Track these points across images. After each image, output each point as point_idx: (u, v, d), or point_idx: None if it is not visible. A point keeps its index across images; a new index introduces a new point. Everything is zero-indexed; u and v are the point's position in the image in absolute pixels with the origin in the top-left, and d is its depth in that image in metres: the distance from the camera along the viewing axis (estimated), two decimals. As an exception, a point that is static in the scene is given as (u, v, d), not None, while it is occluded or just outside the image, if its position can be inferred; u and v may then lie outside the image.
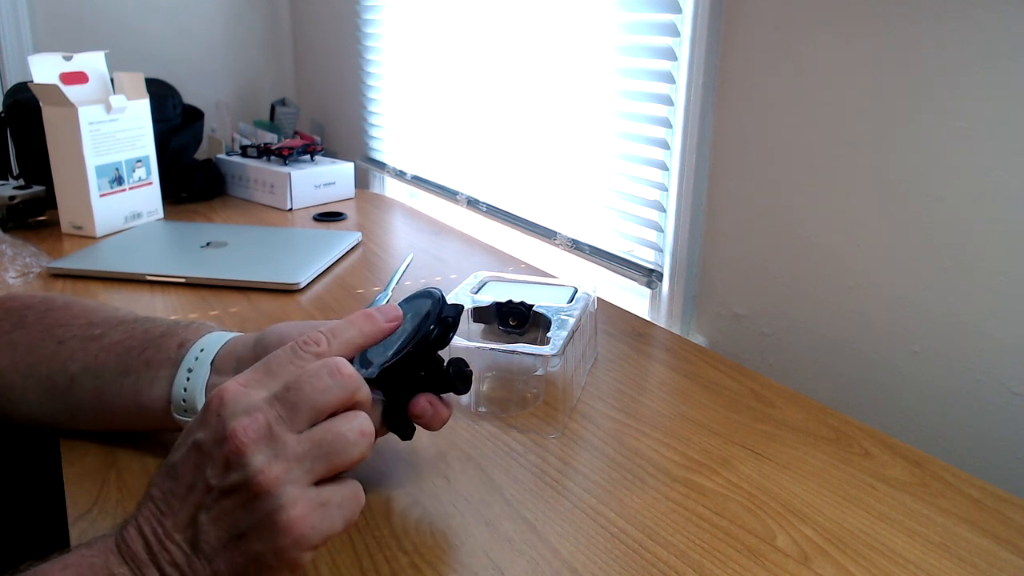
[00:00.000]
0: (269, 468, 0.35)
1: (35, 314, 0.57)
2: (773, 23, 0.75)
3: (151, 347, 0.53)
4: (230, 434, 0.36)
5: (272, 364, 0.39)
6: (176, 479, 0.37)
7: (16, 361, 0.55)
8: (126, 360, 0.53)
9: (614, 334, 0.79)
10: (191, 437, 0.38)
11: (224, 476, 0.36)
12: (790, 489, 0.53)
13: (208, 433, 0.37)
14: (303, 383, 0.38)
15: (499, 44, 1.14)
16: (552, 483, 0.53)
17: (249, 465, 0.35)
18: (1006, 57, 0.58)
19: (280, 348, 0.41)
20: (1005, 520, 0.50)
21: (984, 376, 0.63)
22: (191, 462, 0.37)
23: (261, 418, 0.36)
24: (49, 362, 0.54)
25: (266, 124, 1.71)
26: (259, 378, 0.39)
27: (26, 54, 1.37)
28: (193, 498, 0.36)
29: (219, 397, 0.37)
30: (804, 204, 0.75)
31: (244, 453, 0.35)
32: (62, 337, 0.55)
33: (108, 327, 0.55)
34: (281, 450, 0.36)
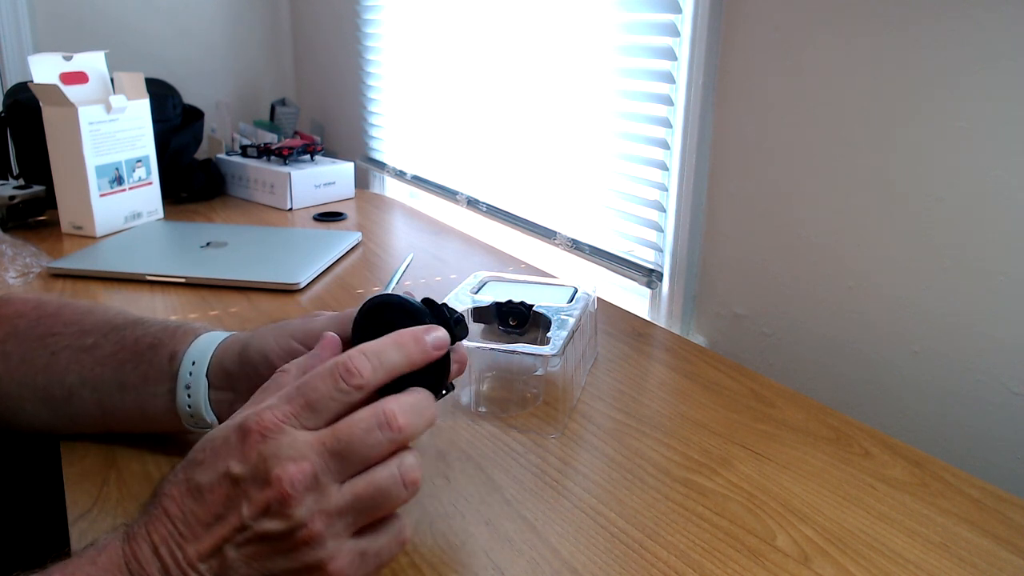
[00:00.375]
0: (313, 521, 0.35)
1: (27, 322, 0.57)
2: (773, 23, 0.75)
3: (143, 362, 0.52)
4: (275, 480, 0.34)
5: (311, 396, 0.37)
6: (202, 504, 0.36)
7: (11, 371, 0.55)
8: (122, 375, 0.53)
9: (614, 334, 0.79)
10: (223, 464, 0.36)
11: (262, 519, 0.35)
12: (790, 489, 0.53)
13: (247, 469, 0.35)
14: (354, 436, 0.36)
15: (499, 44, 1.14)
16: (552, 483, 0.53)
17: (293, 516, 0.34)
18: (1006, 57, 0.58)
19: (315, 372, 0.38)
20: (1005, 520, 0.50)
21: (984, 376, 0.63)
22: (222, 491, 0.36)
23: (308, 468, 0.35)
24: (45, 373, 0.54)
25: (266, 124, 1.72)
26: (298, 412, 0.37)
27: (26, 54, 1.37)
28: (220, 529, 0.35)
29: (259, 432, 0.36)
30: (804, 204, 0.75)
31: (290, 504, 0.34)
32: (55, 347, 0.54)
33: (99, 336, 0.54)
34: (326, 503, 0.35)
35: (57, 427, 0.56)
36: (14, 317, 0.57)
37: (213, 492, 0.36)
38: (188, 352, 0.51)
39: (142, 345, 0.53)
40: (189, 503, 0.36)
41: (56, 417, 0.55)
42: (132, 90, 1.12)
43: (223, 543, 0.35)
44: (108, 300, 0.84)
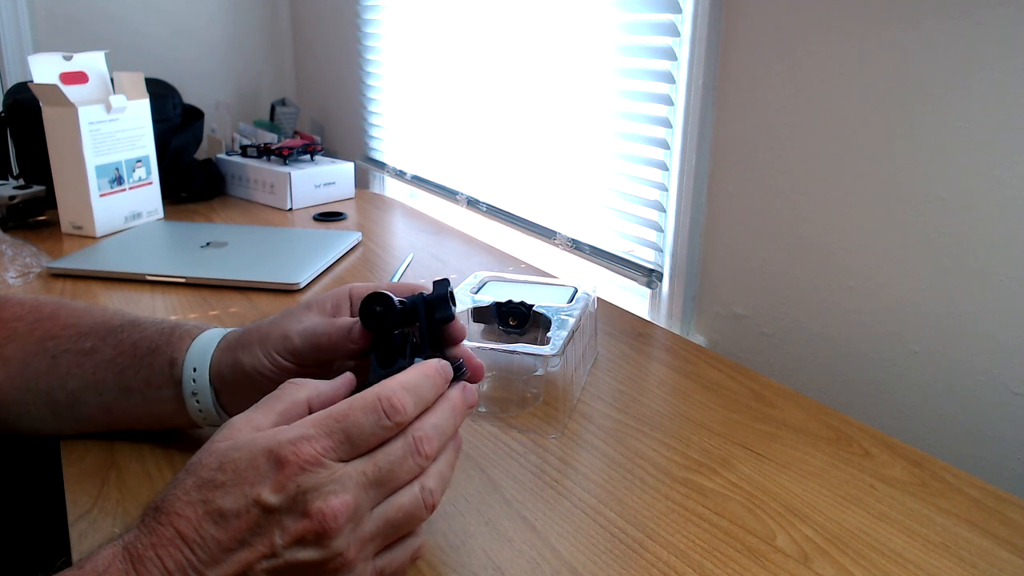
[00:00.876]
0: (349, 550, 0.36)
1: (25, 325, 0.56)
2: (773, 23, 0.75)
3: (144, 366, 0.52)
4: (316, 513, 0.35)
5: (353, 432, 0.37)
6: (225, 529, 0.35)
7: (12, 376, 0.54)
8: (124, 379, 0.53)
9: (614, 334, 0.79)
10: (253, 491, 0.35)
11: (296, 549, 0.35)
12: (790, 489, 0.53)
13: (283, 501, 0.35)
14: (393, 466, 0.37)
15: (499, 44, 1.14)
16: (552, 483, 0.53)
17: (332, 547, 0.35)
18: (1006, 57, 0.58)
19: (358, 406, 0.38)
20: (1005, 520, 0.50)
21: (984, 376, 0.63)
22: (250, 519, 0.35)
23: (351, 501, 0.35)
24: (47, 378, 0.54)
25: (266, 124, 1.72)
26: (337, 446, 0.37)
27: (26, 54, 1.37)
28: (246, 555, 0.35)
29: (298, 464, 0.35)
30: (804, 204, 0.75)
31: (331, 536, 0.35)
32: (55, 351, 0.54)
33: (97, 339, 0.54)
34: (361, 531, 0.36)
35: (63, 430, 0.56)
36: (11, 320, 0.57)
37: (240, 519, 0.35)
38: (187, 359, 0.51)
39: (140, 350, 0.53)
40: (210, 528, 0.35)
41: (61, 421, 0.55)
42: (132, 90, 1.12)
43: (251, 568, 0.35)
44: (108, 300, 0.84)
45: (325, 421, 0.37)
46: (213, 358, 0.50)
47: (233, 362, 0.49)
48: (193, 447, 0.55)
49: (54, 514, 0.52)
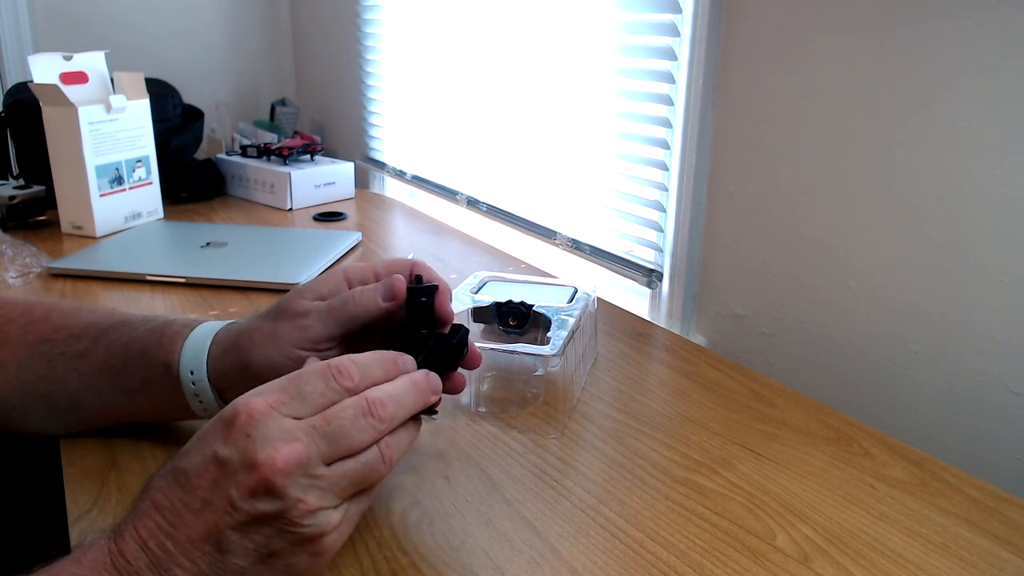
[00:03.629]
0: (307, 499, 0.36)
1: (17, 328, 0.56)
2: (773, 23, 0.75)
3: (139, 368, 0.52)
4: (265, 461, 0.35)
5: (303, 388, 0.39)
6: (189, 490, 0.36)
7: (9, 380, 0.54)
8: (122, 381, 0.52)
9: (614, 334, 0.79)
10: (210, 449, 0.37)
11: (255, 501, 0.35)
12: (790, 489, 0.53)
13: (234, 452, 0.36)
14: (343, 422, 0.38)
15: (499, 44, 1.14)
16: (552, 483, 0.53)
17: (287, 496, 0.36)
18: (1006, 57, 0.58)
19: (309, 370, 0.40)
20: (1005, 520, 0.50)
21: (984, 376, 0.63)
22: (209, 476, 0.36)
23: (301, 448, 0.36)
24: (45, 381, 0.54)
25: (266, 124, 1.72)
26: (287, 400, 0.38)
27: (26, 54, 1.37)
28: (210, 514, 0.36)
29: (247, 414, 0.37)
30: (804, 204, 0.75)
31: (279, 483, 0.35)
32: (50, 355, 0.54)
33: (90, 341, 0.54)
34: (317, 481, 0.37)
35: (68, 430, 0.56)
36: (3, 323, 0.56)
37: (200, 477, 0.36)
38: (182, 363, 0.50)
39: (132, 351, 0.52)
40: (176, 491, 0.37)
41: (65, 422, 0.55)
42: (132, 90, 1.12)
43: (217, 526, 0.36)
44: (108, 300, 0.84)
45: (279, 381, 0.39)
46: (210, 360, 0.50)
47: (239, 363, 0.49)
48: (193, 447, 0.55)
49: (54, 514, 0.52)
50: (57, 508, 0.50)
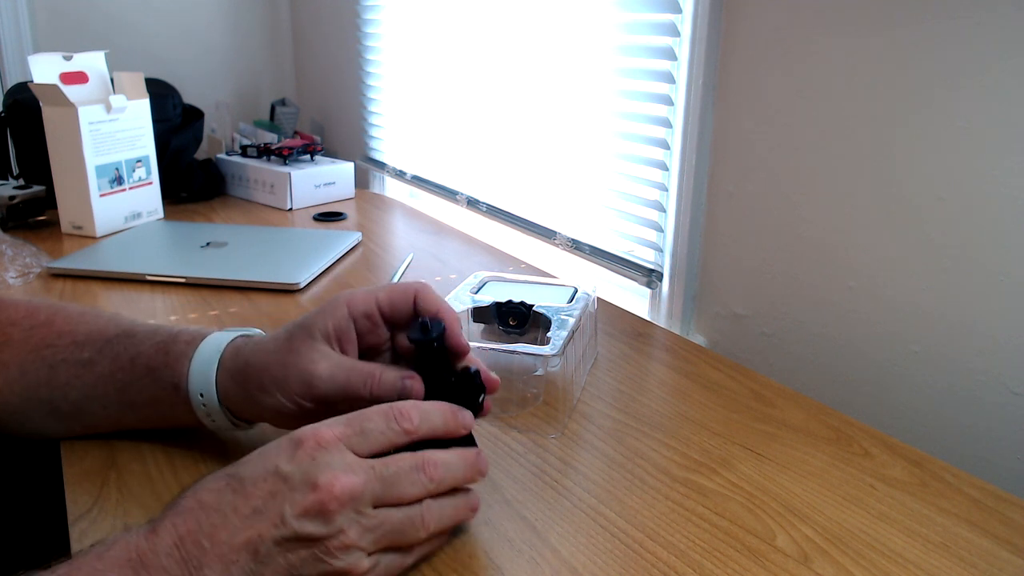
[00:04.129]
0: (349, 531, 0.38)
1: (20, 331, 0.55)
2: (773, 23, 0.75)
3: (146, 386, 0.52)
4: (324, 485, 0.37)
5: (366, 425, 0.41)
6: (243, 496, 0.37)
7: (10, 383, 0.54)
8: (128, 395, 0.52)
9: (614, 334, 0.79)
10: (272, 463, 0.38)
11: (304, 520, 0.37)
12: (790, 489, 0.53)
13: (297, 470, 0.38)
14: (400, 470, 0.41)
15: (499, 44, 1.14)
16: (552, 483, 0.53)
17: (334, 522, 0.37)
18: (1006, 57, 0.58)
19: (373, 409, 0.42)
20: (1005, 520, 0.50)
21: (984, 376, 0.63)
22: (267, 487, 0.38)
23: (358, 482, 0.38)
24: (47, 387, 0.53)
25: (266, 124, 1.72)
26: (351, 435, 0.40)
27: (26, 54, 1.37)
28: (258, 523, 0.37)
29: (315, 440, 0.39)
30: (804, 204, 0.75)
31: (332, 509, 0.37)
32: (51, 361, 0.53)
33: (94, 350, 0.53)
34: (362, 518, 0.38)
35: (70, 434, 0.56)
36: (6, 325, 0.56)
37: (257, 486, 0.38)
38: (191, 385, 0.50)
39: (139, 368, 0.52)
40: (228, 495, 0.38)
41: (67, 427, 0.55)
42: (132, 90, 1.12)
43: (261, 536, 0.37)
44: (108, 300, 0.84)
45: (344, 416, 0.41)
46: (220, 388, 0.50)
47: (248, 399, 0.49)
48: (194, 448, 0.55)
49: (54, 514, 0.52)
50: (57, 508, 0.50)
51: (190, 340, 0.52)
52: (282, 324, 0.50)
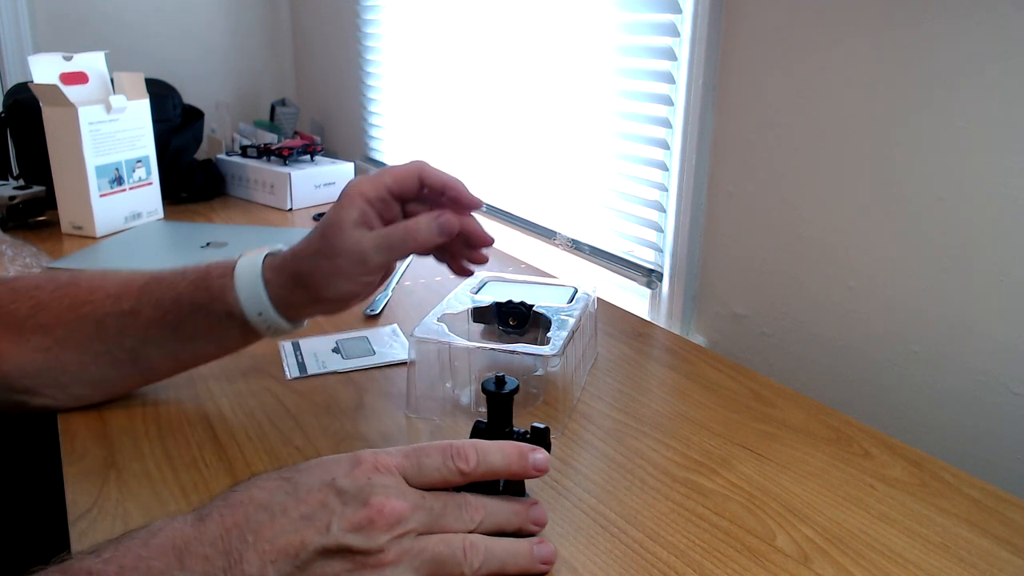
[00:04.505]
0: (389, 551, 0.38)
1: (47, 294, 0.57)
2: (773, 23, 0.75)
3: (199, 320, 0.55)
4: (375, 504, 0.38)
5: (423, 460, 0.42)
6: (296, 500, 0.38)
7: (60, 341, 0.56)
8: (183, 332, 0.56)
9: (614, 334, 0.79)
10: (330, 475, 0.40)
11: (349, 533, 0.38)
12: (790, 489, 0.53)
13: (353, 486, 0.39)
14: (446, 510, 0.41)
15: (499, 44, 1.14)
16: (552, 483, 0.53)
17: (377, 539, 0.38)
18: (1006, 57, 0.58)
19: (433, 445, 0.43)
20: (1005, 520, 0.50)
21: (984, 376, 0.63)
22: (321, 496, 0.39)
23: (407, 508, 0.39)
24: (100, 339, 0.56)
25: (266, 124, 1.72)
26: (407, 467, 0.41)
27: (26, 54, 1.37)
28: (305, 529, 0.38)
29: (374, 464, 0.40)
30: (804, 204, 0.75)
31: (378, 526, 0.38)
32: (96, 316, 0.56)
33: (133, 300, 0.56)
34: (403, 541, 0.39)
35: (131, 384, 0.60)
36: (30, 290, 0.57)
37: (311, 494, 0.39)
38: (245, 307, 0.55)
39: (184, 307, 0.55)
40: (281, 496, 0.39)
41: (125, 376, 0.58)
42: (132, 90, 1.12)
43: (305, 542, 0.37)
44: (108, 300, 0.84)
45: (404, 448, 0.43)
46: (273, 298, 0.55)
47: (309, 302, 0.55)
48: (193, 448, 0.55)
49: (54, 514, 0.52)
50: (57, 508, 0.50)
51: (222, 273, 0.56)
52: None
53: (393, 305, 0.86)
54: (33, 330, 0.56)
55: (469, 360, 0.63)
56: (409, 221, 0.53)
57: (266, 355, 0.70)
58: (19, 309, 0.56)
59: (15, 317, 0.56)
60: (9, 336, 0.56)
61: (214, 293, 0.55)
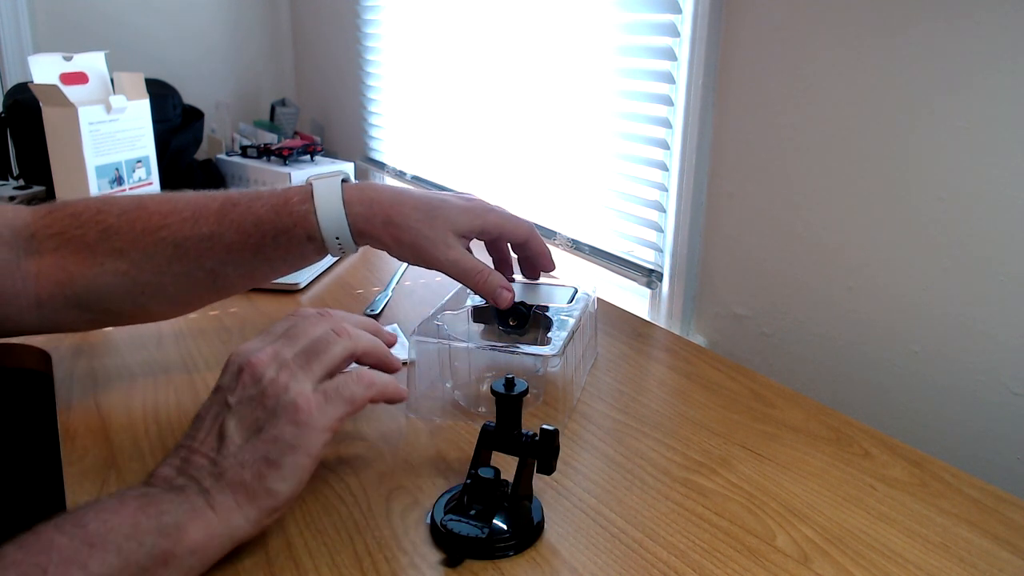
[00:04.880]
0: (278, 376, 0.45)
1: (115, 219, 0.58)
2: (774, 23, 0.75)
3: (280, 243, 0.59)
4: (244, 365, 0.46)
5: None
6: (199, 420, 0.46)
7: (137, 263, 0.58)
8: (263, 255, 0.60)
9: (614, 334, 0.79)
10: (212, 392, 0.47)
11: (243, 392, 0.45)
12: (790, 489, 0.53)
13: (227, 378, 0.46)
14: (296, 328, 0.49)
15: (499, 44, 1.14)
16: (552, 483, 0.53)
17: (263, 378, 0.45)
18: (1006, 57, 0.58)
19: None
20: (1005, 520, 0.50)
21: (984, 376, 0.63)
22: (212, 401, 0.46)
23: (269, 349, 0.47)
24: (180, 262, 0.58)
25: (266, 124, 1.72)
26: (264, 338, 0.49)
27: (26, 54, 1.37)
28: (216, 425, 0.45)
29: (233, 355, 0.47)
30: (804, 204, 0.75)
31: (259, 372, 0.45)
32: (174, 240, 0.58)
33: (210, 224, 0.58)
34: (284, 364, 0.46)
35: (206, 300, 0.63)
36: (94, 214, 0.58)
37: (207, 408, 0.46)
38: (325, 234, 0.59)
39: (266, 232, 0.59)
40: (191, 430, 0.46)
41: (204, 293, 0.62)
42: (132, 90, 1.12)
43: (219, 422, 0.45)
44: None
45: None
46: (351, 226, 0.60)
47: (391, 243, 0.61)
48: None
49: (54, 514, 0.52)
50: (57, 508, 0.50)
51: (302, 199, 0.60)
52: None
53: (393, 305, 0.86)
54: (107, 254, 0.57)
55: (469, 360, 0.63)
56: (486, 269, 0.62)
57: (266, 355, 0.71)
58: (87, 234, 0.57)
59: (84, 242, 0.57)
60: (80, 259, 0.57)
61: (296, 219, 0.59)
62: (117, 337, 0.74)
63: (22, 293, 0.56)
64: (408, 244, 0.60)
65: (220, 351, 0.72)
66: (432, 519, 0.47)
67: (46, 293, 0.57)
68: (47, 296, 0.57)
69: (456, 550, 0.45)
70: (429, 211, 0.60)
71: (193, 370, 0.68)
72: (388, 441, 0.58)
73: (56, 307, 0.57)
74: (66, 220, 0.58)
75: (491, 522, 0.45)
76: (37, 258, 0.57)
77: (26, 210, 0.59)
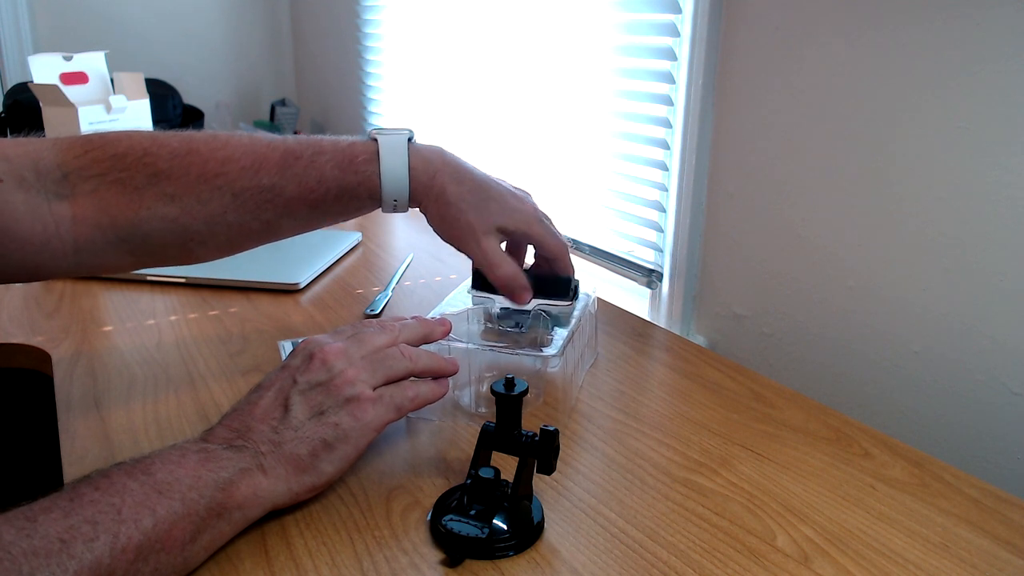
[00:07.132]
0: (347, 370, 0.50)
1: (165, 162, 0.56)
2: (773, 23, 0.75)
3: (345, 199, 0.60)
4: (317, 352, 0.50)
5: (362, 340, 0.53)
6: (262, 390, 0.49)
7: (188, 211, 0.56)
8: (322, 210, 0.60)
9: (614, 334, 0.79)
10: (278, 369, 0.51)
11: (313, 376, 0.49)
12: (790, 489, 0.53)
13: (298, 360, 0.50)
14: (364, 335, 0.53)
15: (499, 45, 1.14)
16: (552, 483, 0.53)
17: (334, 367, 0.49)
18: (1006, 57, 0.58)
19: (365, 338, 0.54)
20: (1005, 520, 0.50)
21: (984, 376, 0.63)
22: (279, 377, 0.50)
23: (341, 345, 0.51)
24: (236, 212, 0.58)
25: (266, 124, 1.72)
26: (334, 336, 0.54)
27: (26, 54, 1.37)
28: (279, 391, 0.49)
29: (305, 343, 0.52)
30: (804, 204, 0.75)
31: (330, 361, 0.50)
32: (232, 190, 0.57)
33: (273, 176, 0.58)
34: (353, 361, 0.50)
35: (256, 244, 0.63)
36: (140, 155, 0.55)
37: (271, 381, 0.50)
38: (385, 194, 0.61)
39: (330, 188, 0.59)
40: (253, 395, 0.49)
41: (255, 240, 0.62)
42: (132, 90, 1.12)
43: (284, 393, 0.48)
44: (108, 300, 0.84)
45: None
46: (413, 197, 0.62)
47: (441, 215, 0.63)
48: (193, 447, 0.55)
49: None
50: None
51: (368, 159, 0.60)
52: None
53: (393, 305, 0.86)
54: (156, 198, 0.55)
55: (469, 360, 0.63)
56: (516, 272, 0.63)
57: (266, 355, 0.70)
58: (134, 177, 0.55)
59: (131, 185, 0.55)
60: (125, 203, 0.55)
61: (361, 179, 0.60)
62: (117, 337, 0.74)
63: (55, 237, 0.53)
64: (450, 222, 0.62)
65: (220, 351, 0.72)
66: (432, 519, 0.47)
67: (84, 237, 0.54)
68: (85, 240, 0.54)
69: (456, 550, 0.45)
70: (482, 199, 0.62)
71: (193, 370, 0.68)
72: (388, 441, 0.58)
73: (95, 250, 0.55)
74: (107, 162, 0.55)
75: (491, 522, 0.45)
76: (71, 201, 0.54)
77: (48, 144, 0.55)
